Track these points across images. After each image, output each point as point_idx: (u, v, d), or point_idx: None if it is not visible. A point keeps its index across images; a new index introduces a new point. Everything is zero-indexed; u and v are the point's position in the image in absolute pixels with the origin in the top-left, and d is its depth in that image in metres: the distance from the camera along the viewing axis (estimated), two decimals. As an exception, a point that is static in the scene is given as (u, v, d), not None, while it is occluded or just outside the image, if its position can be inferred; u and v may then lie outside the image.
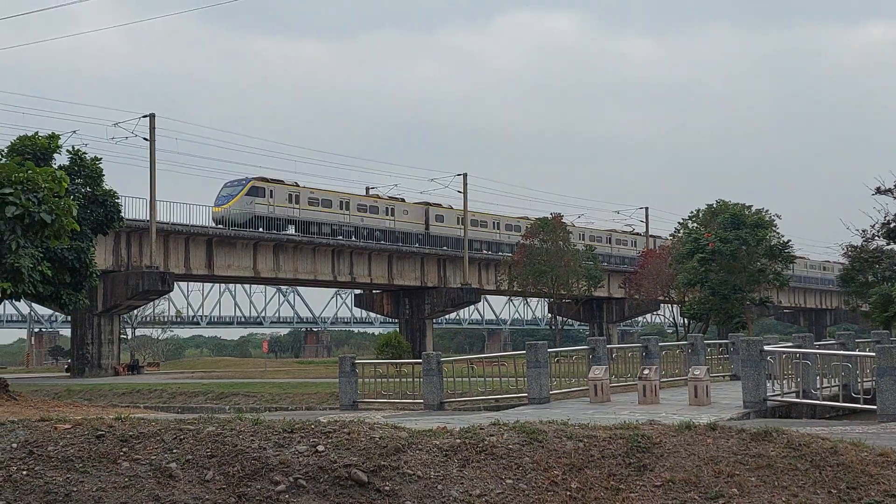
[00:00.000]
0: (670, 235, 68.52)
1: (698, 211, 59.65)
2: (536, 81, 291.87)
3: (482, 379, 23.97)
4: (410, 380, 22.89)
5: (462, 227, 71.73)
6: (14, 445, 8.65)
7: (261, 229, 59.88)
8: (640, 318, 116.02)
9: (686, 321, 61.08)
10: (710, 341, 31.16)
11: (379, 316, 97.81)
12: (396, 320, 77.54)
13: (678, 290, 60.14)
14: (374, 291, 75.88)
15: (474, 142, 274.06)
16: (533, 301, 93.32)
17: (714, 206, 57.85)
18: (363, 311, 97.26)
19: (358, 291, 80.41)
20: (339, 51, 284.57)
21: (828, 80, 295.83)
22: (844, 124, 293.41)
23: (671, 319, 73.65)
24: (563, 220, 67.09)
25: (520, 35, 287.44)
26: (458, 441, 8.85)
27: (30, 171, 12.07)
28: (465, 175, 71.60)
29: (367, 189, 72.69)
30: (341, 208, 65.19)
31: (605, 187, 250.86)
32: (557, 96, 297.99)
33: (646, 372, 19.93)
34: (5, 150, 25.90)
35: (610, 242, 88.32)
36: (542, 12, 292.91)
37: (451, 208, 73.62)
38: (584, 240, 79.05)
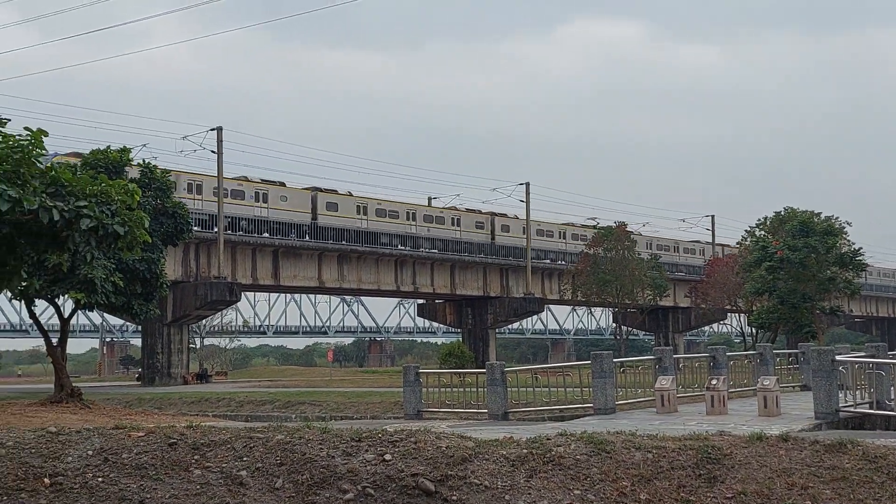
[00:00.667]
0: (737, 243, 67.46)
1: (766, 218, 58.59)
2: (598, 89, 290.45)
3: (546, 389, 23.82)
4: (474, 389, 22.83)
5: (363, 217, 63.42)
6: (90, 452, 8.85)
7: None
8: (706, 328, 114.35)
9: (754, 331, 60.05)
10: (780, 351, 30.58)
11: (442, 325, 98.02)
12: (459, 330, 77.61)
13: (746, 299, 59.19)
14: (436, 301, 76.07)
15: (536, 150, 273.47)
16: (597, 311, 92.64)
17: (782, 213, 56.82)
18: (426, 320, 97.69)
19: (421, 301, 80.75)
20: (402, 62, 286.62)
21: (889, 85, 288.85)
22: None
23: (738, 329, 72.55)
24: (627, 229, 66.56)
25: (581, 43, 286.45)
26: (525, 451, 8.82)
27: (103, 185, 12.33)
28: (527, 184, 71.50)
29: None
30: (190, 191, 53.79)
31: (668, 194, 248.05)
32: (619, 104, 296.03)
33: (714, 382, 19.62)
34: (79, 163, 26.58)
35: (677, 251, 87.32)
36: (603, 21, 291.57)
37: (350, 195, 63.53)
38: (650, 248, 78.39)
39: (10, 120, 12.84)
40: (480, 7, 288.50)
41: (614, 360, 20.96)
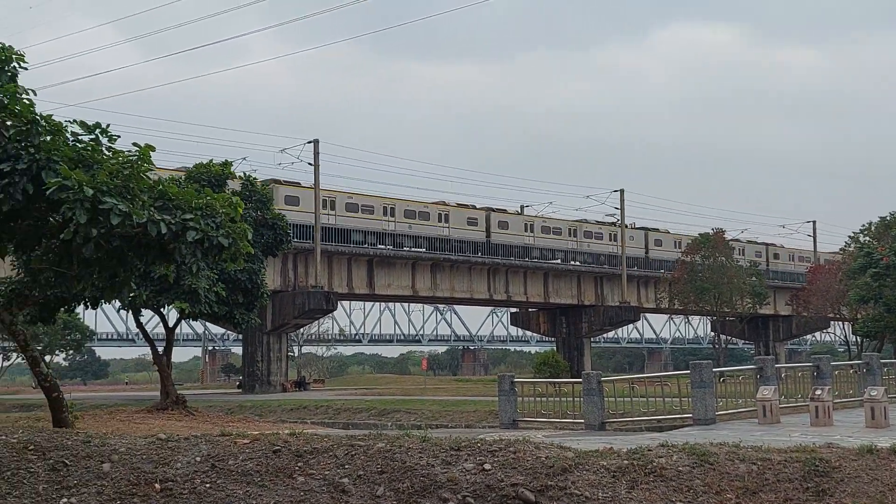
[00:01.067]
0: (840, 249, 65.57)
1: (870, 224, 56.79)
2: (694, 94, 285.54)
3: (644, 399, 23.54)
4: (570, 399, 22.73)
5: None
6: (198, 459, 9.11)
7: (418, 248, 60.03)
8: (808, 337, 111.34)
9: (859, 340, 58.22)
10: (887, 361, 29.57)
11: (535, 334, 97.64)
12: (553, 339, 77.15)
13: (850, 307, 57.41)
14: (530, 310, 75.79)
15: (631, 158, 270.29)
16: (694, 319, 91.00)
17: (888, 218, 54.95)
18: (519, 329, 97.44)
19: (514, 310, 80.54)
20: (494, 72, 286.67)
21: None
22: None
23: (842, 338, 70.46)
24: (724, 236, 65.28)
25: (676, 49, 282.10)
26: (626, 462, 8.74)
27: (208, 198, 12.68)
28: (621, 191, 70.83)
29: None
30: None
31: (767, 201, 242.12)
32: (716, 109, 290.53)
33: (818, 392, 19.09)
34: (183, 177, 27.42)
35: (776, 258, 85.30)
36: (699, 25, 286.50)
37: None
38: (748, 255, 76.73)
39: (119, 136, 13.33)
40: (571, 15, 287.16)
41: (713, 369, 20.61)
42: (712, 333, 79.26)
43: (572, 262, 70.27)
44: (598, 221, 73.86)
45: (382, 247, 59.54)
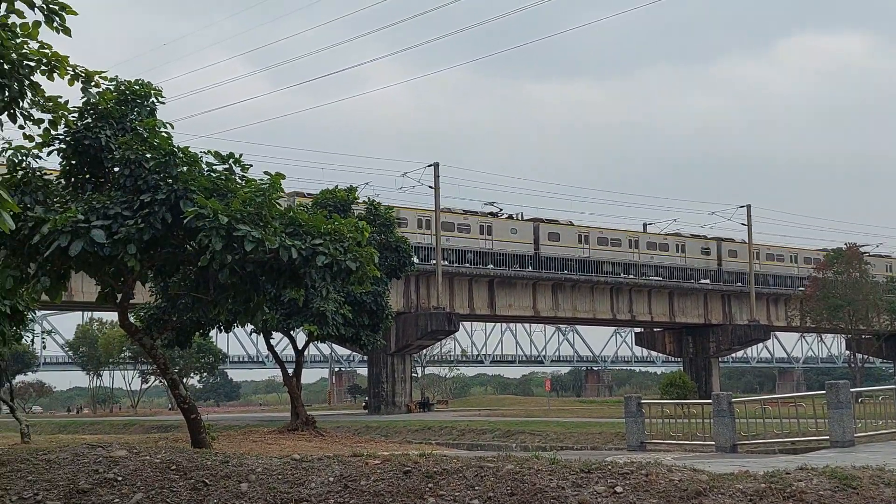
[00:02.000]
0: None
1: None
2: (824, 105, 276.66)
3: (776, 420, 22.77)
4: (699, 421, 22.19)
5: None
6: (331, 479, 9.31)
7: (542, 269, 60.05)
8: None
9: None
10: None
11: (661, 354, 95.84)
12: (679, 359, 75.55)
13: None
14: (655, 329, 74.46)
15: (758, 172, 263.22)
16: (828, 337, 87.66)
17: None
18: (644, 349, 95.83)
19: (638, 330, 79.25)
20: (613, 89, 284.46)
21: None
22: None
23: None
24: (859, 251, 62.78)
25: (803, 59, 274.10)
26: (763, 486, 8.49)
27: (336, 223, 13.01)
28: (748, 206, 68.95)
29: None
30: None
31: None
32: (848, 120, 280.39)
33: (967, 414, 18.14)
34: (310, 203, 28.17)
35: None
36: (825, 34, 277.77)
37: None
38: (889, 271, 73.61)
39: (251, 165, 13.83)
40: (690, 29, 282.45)
41: (851, 389, 19.83)
42: (847, 352, 76.28)
43: (701, 281, 69.04)
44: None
45: (504, 267, 59.60)
